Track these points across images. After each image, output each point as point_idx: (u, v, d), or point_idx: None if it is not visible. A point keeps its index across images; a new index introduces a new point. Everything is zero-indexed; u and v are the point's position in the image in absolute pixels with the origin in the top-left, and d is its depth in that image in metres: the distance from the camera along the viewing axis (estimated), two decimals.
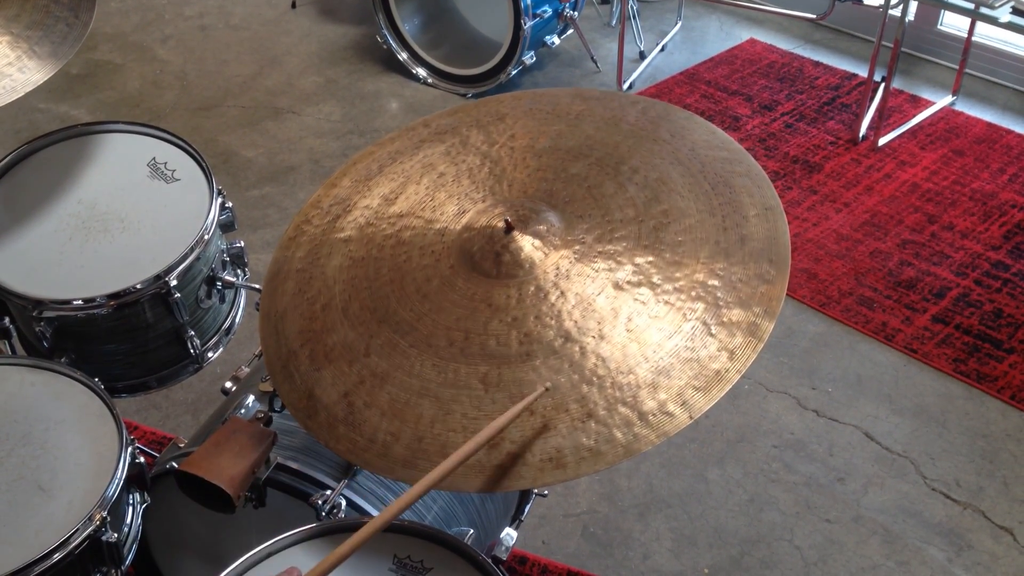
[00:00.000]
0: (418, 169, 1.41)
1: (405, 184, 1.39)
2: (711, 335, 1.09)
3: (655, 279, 1.15)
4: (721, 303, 1.12)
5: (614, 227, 1.22)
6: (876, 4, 3.26)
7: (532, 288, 1.18)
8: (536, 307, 1.16)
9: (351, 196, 1.41)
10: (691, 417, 1.03)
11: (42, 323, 1.56)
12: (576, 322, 1.13)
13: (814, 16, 3.69)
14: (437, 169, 1.40)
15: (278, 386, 1.23)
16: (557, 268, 1.19)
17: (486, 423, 1.08)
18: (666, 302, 1.13)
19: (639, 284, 1.15)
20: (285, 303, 1.30)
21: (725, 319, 1.10)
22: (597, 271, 1.17)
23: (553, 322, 1.14)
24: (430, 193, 1.36)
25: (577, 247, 1.21)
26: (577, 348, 1.11)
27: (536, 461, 1.05)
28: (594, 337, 1.11)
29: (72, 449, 1.37)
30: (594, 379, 1.08)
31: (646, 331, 1.11)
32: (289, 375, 1.22)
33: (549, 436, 1.06)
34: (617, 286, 1.15)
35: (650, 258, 1.18)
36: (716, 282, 1.14)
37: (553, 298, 1.16)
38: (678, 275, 1.15)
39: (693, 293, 1.13)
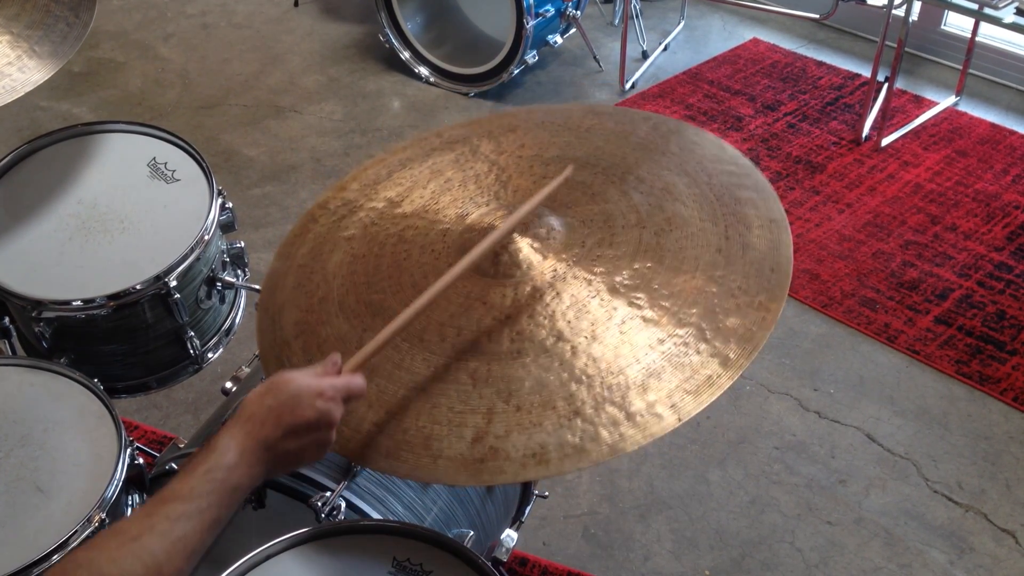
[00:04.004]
0: (426, 175, 1.42)
1: (412, 188, 1.40)
2: (705, 341, 1.08)
3: (653, 284, 1.15)
4: (718, 310, 1.11)
5: (615, 232, 1.22)
6: (880, 4, 3.25)
7: (528, 289, 1.18)
8: (530, 307, 1.16)
9: (358, 199, 1.42)
10: (679, 420, 1.03)
11: (41, 323, 1.55)
12: (569, 323, 1.13)
13: (817, 16, 3.68)
14: (445, 175, 1.41)
15: (269, 375, 1.24)
16: (555, 270, 1.19)
17: (471, 417, 1.07)
18: (662, 307, 1.12)
19: (636, 288, 1.15)
20: (284, 297, 1.31)
21: (720, 326, 1.09)
22: (595, 274, 1.17)
23: (546, 321, 1.14)
24: (435, 197, 1.37)
25: (576, 250, 1.21)
26: (569, 347, 1.11)
27: (519, 456, 1.04)
28: (586, 337, 1.11)
29: (71, 450, 1.36)
30: (584, 378, 1.08)
31: (639, 334, 1.10)
32: (281, 365, 1.23)
33: (534, 432, 1.05)
34: (613, 290, 1.15)
35: (649, 264, 1.17)
36: (714, 288, 1.13)
37: (548, 299, 1.16)
38: (676, 281, 1.15)
39: (690, 299, 1.12)
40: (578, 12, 3.53)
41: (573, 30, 3.67)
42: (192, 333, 1.69)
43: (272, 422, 0.99)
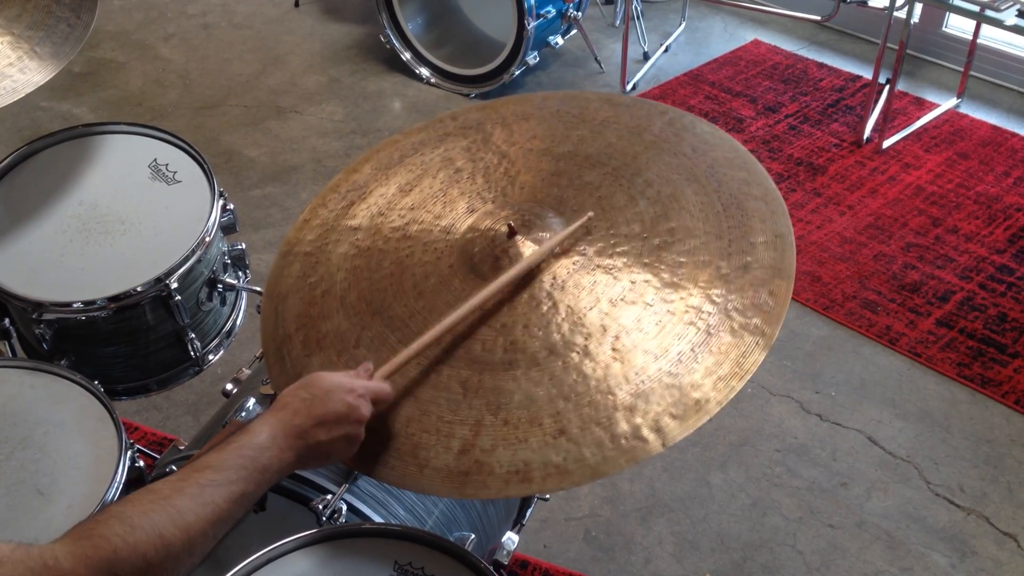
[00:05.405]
0: (437, 162, 1.41)
1: (422, 176, 1.39)
2: (697, 362, 1.06)
3: (649, 299, 1.13)
4: (713, 330, 1.09)
5: (617, 241, 1.21)
6: (881, 6, 3.25)
7: (526, 296, 1.17)
8: (526, 316, 1.15)
9: (369, 183, 1.41)
10: (664, 445, 1.01)
11: (42, 325, 1.55)
12: (563, 335, 1.12)
13: (819, 17, 3.68)
14: (455, 164, 1.40)
15: (270, 367, 1.24)
16: (553, 278, 1.18)
17: (459, 428, 1.07)
18: (657, 324, 1.10)
19: (632, 303, 1.13)
20: (289, 285, 1.30)
21: (714, 347, 1.07)
22: (593, 284, 1.16)
23: (540, 332, 1.13)
24: (444, 188, 1.36)
25: (577, 258, 1.19)
26: (560, 362, 1.09)
27: (503, 472, 1.04)
28: (578, 353, 1.10)
29: (71, 453, 1.36)
30: (572, 396, 1.06)
31: (631, 352, 1.08)
32: (281, 358, 1.23)
33: (519, 448, 1.05)
34: (610, 302, 1.14)
35: (648, 277, 1.16)
36: (711, 308, 1.11)
37: (544, 308, 1.15)
38: (673, 297, 1.13)
39: (686, 317, 1.11)
40: (579, 13, 3.53)
41: (574, 31, 3.66)
42: (193, 335, 1.69)
43: (304, 412, 1.05)
